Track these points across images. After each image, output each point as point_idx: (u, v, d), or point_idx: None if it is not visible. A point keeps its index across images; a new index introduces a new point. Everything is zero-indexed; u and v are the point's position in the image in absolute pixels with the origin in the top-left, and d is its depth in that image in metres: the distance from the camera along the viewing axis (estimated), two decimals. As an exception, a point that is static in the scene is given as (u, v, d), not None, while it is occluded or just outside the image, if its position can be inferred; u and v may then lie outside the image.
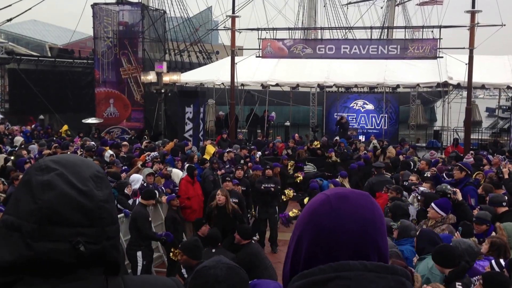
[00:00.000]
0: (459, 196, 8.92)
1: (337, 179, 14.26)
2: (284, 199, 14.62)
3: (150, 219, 10.36)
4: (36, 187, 1.43)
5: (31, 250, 1.38)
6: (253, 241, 9.36)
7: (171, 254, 9.53)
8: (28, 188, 1.44)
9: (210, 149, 18.95)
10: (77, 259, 1.41)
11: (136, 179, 12.03)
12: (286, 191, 14.57)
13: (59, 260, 1.40)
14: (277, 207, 13.82)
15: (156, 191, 11.76)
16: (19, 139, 19.39)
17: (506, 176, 12.10)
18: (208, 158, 16.17)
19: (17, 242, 1.39)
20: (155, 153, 16.06)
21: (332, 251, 1.44)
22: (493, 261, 6.08)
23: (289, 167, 17.96)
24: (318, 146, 21.35)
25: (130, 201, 11.46)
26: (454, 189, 9.21)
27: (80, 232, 1.42)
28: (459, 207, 8.68)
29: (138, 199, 11.49)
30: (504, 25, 23.58)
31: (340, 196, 1.50)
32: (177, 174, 14.39)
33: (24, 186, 1.46)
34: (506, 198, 9.16)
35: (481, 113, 56.05)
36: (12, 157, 14.79)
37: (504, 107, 62.88)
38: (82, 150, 17.49)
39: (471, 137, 26.02)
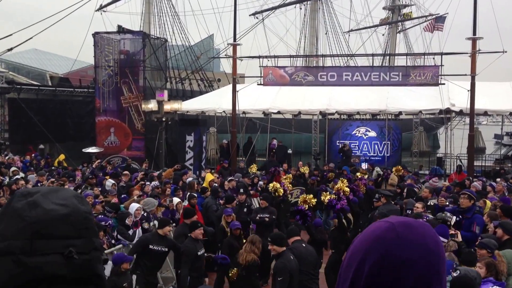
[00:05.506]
0: (459, 238, 8.73)
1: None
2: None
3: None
4: (22, 208, 1.45)
5: (24, 267, 1.39)
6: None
7: (230, 274, 9.52)
8: (13, 211, 1.46)
9: (209, 178, 18.66)
10: (71, 270, 1.42)
11: (130, 209, 11.75)
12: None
13: (52, 275, 1.40)
14: None
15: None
16: (13, 169, 19.18)
17: None
18: (207, 186, 15.92)
19: (9, 265, 1.39)
20: (156, 183, 15.85)
21: (396, 279, 1.43)
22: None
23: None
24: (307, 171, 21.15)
25: (130, 232, 11.21)
26: (454, 230, 8.96)
27: (71, 243, 1.45)
28: (459, 251, 8.37)
29: (138, 230, 11.28)
30: (506, 51, 23.56)
31: (405, 224, 1.49)
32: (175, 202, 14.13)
33: (8, 211, 1.47)
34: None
35: (485, 140, 55.90)
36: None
37: (511, 133, 62.79)
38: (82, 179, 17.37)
39: (475, 163, 25.76)
